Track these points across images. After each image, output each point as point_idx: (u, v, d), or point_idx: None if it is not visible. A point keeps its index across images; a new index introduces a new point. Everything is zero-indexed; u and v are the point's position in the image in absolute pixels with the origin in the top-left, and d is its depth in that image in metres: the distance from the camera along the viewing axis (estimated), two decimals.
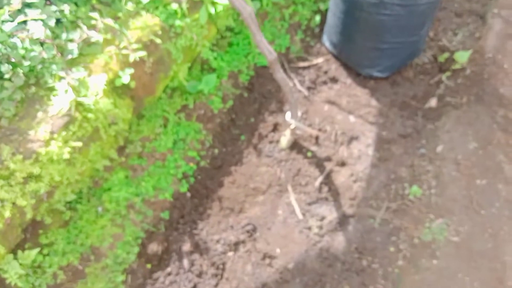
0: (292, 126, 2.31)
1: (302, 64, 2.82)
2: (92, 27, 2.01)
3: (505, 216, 2.19)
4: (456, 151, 2.41)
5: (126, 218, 2.18)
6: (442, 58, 2.78)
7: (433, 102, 2.64)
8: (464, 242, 2.13)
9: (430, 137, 2.49)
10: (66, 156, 1.85)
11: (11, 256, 1.83)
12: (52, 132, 1.84)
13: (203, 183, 2.37)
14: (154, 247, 2.11)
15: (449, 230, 2.17)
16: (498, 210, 2.21)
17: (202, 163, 2.43)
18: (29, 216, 1.80)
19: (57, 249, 2.05)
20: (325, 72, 2.79)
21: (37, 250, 1.93)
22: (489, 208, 2.22)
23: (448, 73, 2.72)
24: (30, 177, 1.80)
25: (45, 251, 2.03)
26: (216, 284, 2.09)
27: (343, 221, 2.24)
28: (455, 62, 2.72)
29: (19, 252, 1.88)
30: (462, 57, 2.68)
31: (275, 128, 2.55)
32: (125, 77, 2.02)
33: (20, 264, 1.86)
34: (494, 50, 2.80)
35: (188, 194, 2.33)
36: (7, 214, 1.72)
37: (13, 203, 1.75)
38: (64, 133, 1.86)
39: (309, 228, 2.23)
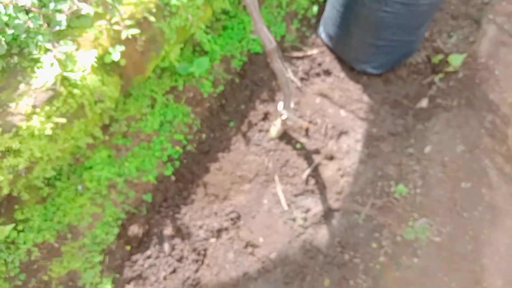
0: (284, 117, 2.27)
1: (296, 54, 2.78)
2: None
3: (487, 220, 2.22)
4: (443, 153, 2.42)
5: (106, 198, 2.12)
6: (436, 59, 2.77)
7: (424, 103, 2.64)
8: (446, 242, 2.15)
9: (419, 137, 2.49)
10: (48, 132, 1.77)
11: None
12: (34, 106, 1.75)
13: (189, 168, 2.32)
14: (134, 229, 2.06)
15: (431, 230, 2.18)
16: (480, 213, 2.23)
17: (189, 147, 2.38)
18: (5, 191, 1.72)
19: (32, 226, 1.97)
20: (319, 64, 2.75)
21: (11, 225, 1.86)
22: (472, 211, 2.24)
23: (440, 75, 2.72)
24: (8, 152, 1.72)
25: (20, 227, 1.95)
26: (197, 270, 2.05)
27: (328, 214, 2.22)
28: (448, 65, 2.72)
29: None
30: (456, 60, 2.69)
31: (266, 117, 2.51)
32: (115, 54, 1.94)
33: None
34: (487, 55, 2.82)
35: (173, 178, 2.28)
36: None
37: None
38: (47, 108, 1.77)
39: (294, 220, 2.21)
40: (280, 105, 2.26)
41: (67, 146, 1.94)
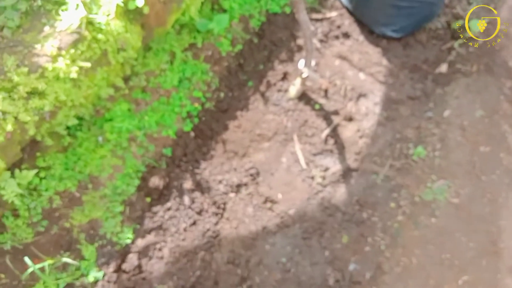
0: (304, 75, 2.25)
1: (315, 16, 2.73)
2: None
3: (505, 183, 2.23)
4: (462, 117, 2.41)
5: (127, 151, 2.11)
6: (455, 25, 2.74)
7: (443, 68, 2.62)
8: (464, 204, 2.16)
9: (438, 101, 2.47)
10: (74, 75, 1.75)
11: (8, 173, 1.75)
12: (60, 48, 1.73)
13: (208, 125, 2.31)
14: (155, 181, 2.05)
15: (449, 192, 2.19)
16: (499, 177, 2.24)
17: (207, 105, 2.36)
18: (31, 132, 1.71)
19: (54, 174, 1.97)
20: (338, 27, 2.71)
21: (34, 171, 1.85)
22: (490, 174, 2.24)
23: (460, 41, 2.69)
24: (34, 93, 1.71)
25: (42, 174, 1.95)
26: (216, 223, 2.06)
27: (346, 174, 2.23)
28: (468, 31, 2.69)
29: (16, 171, 1.80)
30: (475, 26, 2.65)
31: (285, 77, 2.49)
32: (139, 0, 1.90)
33: (17, 184, 1.78)
34: (507, 22, 2.78)
35: (192, 134, 2.27)
36: (8, 128, 1.62)
37: (15, 118, 1.66)
38: (72, 51, 1.75)
39: (312, 178, 2.21)
40: (301, 63, 2.24)
41: (90, 93, 1.92)
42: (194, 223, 2.05)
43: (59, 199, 1.96)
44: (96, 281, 1.85)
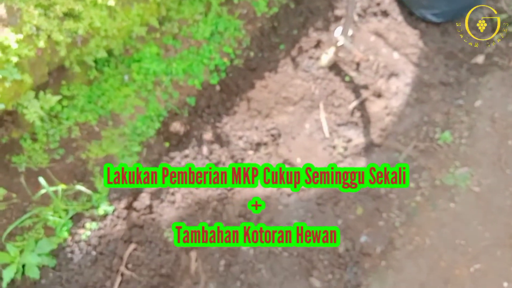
0: (340, 43, 2.19)
1: None
2: None
3: None
4: (494, 109, 2.34)
5: (151, 94, 2.09)
6: (497, 19, 2.66)
7: (480, 59, 2.54)
8: (485, 194, 2.11)
9: (471, 90, 2.40)
10: (111, 3, 1.72)
11: (32, 93, 1.73)
12: None
13: (234, 81, 2.27)
14: (176, 126, 2.03)
15: (472, 180, 2.13)
16: None
17: (236, 62, 2.32)
18: (62, 53, 1.68)
19: (76, 104, 1.95)
20: (378, 4, 2.65)
21: (58, 97, 1.83)
22: None
23: (501, 34, 2.61)
24: (70, 15, 1.68)
25: (64, 103, 1.93)
26: None
27: (368, 148, 2.18)
28: (509, 25, 2.61)
29: (41, 93, 1.78)
30: None
31: (318, 45, 2.44)
32: None
33: (40, 107, 1.76)
34: None
35: (218, 87, 2.23)
36: (40, 44, 1.60)
37: (49, 36, 1.63)
38: None
39: (334, 147, 2.17)
40: (338, 31, 2.19)
41: (124, 26, 1.89)
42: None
43: (78, 130, 1.95)
44: (105, 215, 1.83)
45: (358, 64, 2.40)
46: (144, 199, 1.87)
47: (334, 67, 2.39)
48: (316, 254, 1.88)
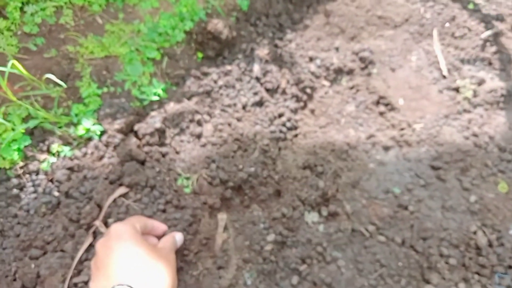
0: None
1: None
2: None
3: None
4: None
5: None
6: None
7: None
8: None
9: None
10: None
11: None
12: None
13: None
14: (219, 26, 1.30)
15: None
16: None
17: None
18: None
19: None
20: None
21: None
22: None
23: None
24: None
25: None
26: (295, 110, 1.29)
27: (511, 96, 1.38)
28: None
29: None
30: None
31: None
32: None
33: None
34: None
35: None
36: None
37: None
38: None
39: (457, 90, 1.38)
40: None
41: None
42: (260, 102, 1.29)
43: (72, 15, 1.28)
44: (88, 138, 1.12)
45: None
46: (153, 122, 1.14)
47: None
48: (436, 244, 1.07)
